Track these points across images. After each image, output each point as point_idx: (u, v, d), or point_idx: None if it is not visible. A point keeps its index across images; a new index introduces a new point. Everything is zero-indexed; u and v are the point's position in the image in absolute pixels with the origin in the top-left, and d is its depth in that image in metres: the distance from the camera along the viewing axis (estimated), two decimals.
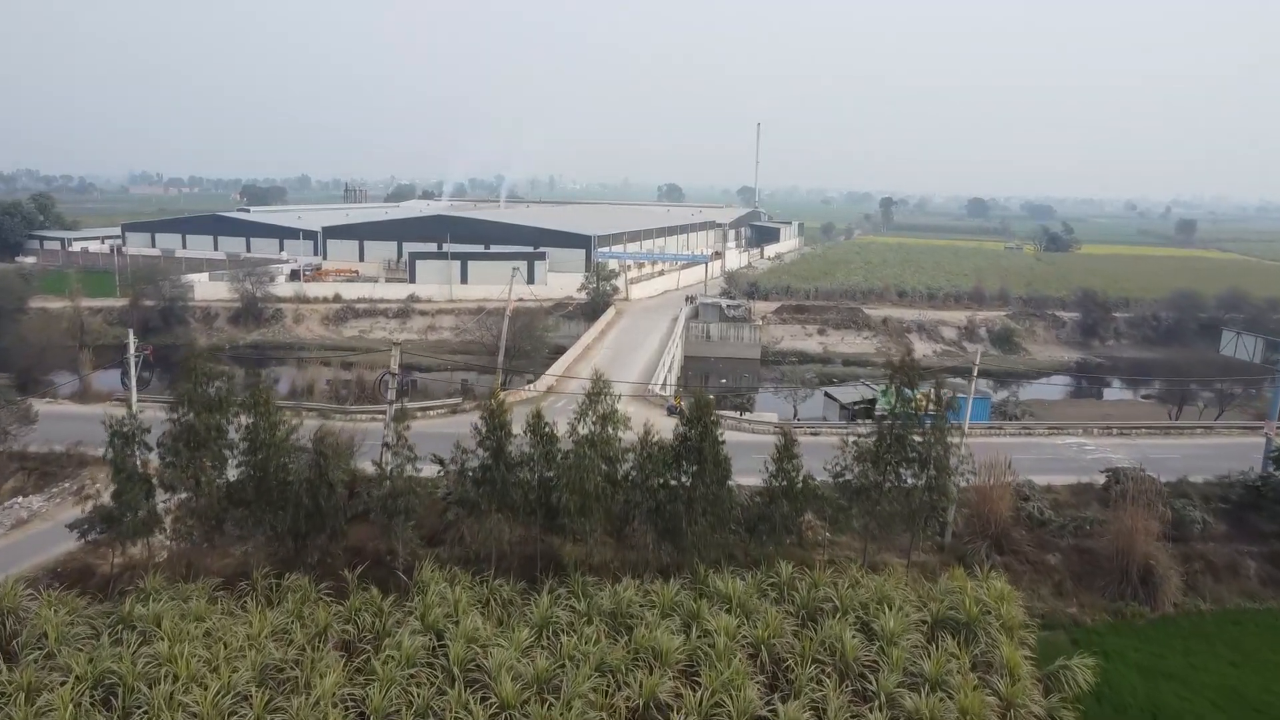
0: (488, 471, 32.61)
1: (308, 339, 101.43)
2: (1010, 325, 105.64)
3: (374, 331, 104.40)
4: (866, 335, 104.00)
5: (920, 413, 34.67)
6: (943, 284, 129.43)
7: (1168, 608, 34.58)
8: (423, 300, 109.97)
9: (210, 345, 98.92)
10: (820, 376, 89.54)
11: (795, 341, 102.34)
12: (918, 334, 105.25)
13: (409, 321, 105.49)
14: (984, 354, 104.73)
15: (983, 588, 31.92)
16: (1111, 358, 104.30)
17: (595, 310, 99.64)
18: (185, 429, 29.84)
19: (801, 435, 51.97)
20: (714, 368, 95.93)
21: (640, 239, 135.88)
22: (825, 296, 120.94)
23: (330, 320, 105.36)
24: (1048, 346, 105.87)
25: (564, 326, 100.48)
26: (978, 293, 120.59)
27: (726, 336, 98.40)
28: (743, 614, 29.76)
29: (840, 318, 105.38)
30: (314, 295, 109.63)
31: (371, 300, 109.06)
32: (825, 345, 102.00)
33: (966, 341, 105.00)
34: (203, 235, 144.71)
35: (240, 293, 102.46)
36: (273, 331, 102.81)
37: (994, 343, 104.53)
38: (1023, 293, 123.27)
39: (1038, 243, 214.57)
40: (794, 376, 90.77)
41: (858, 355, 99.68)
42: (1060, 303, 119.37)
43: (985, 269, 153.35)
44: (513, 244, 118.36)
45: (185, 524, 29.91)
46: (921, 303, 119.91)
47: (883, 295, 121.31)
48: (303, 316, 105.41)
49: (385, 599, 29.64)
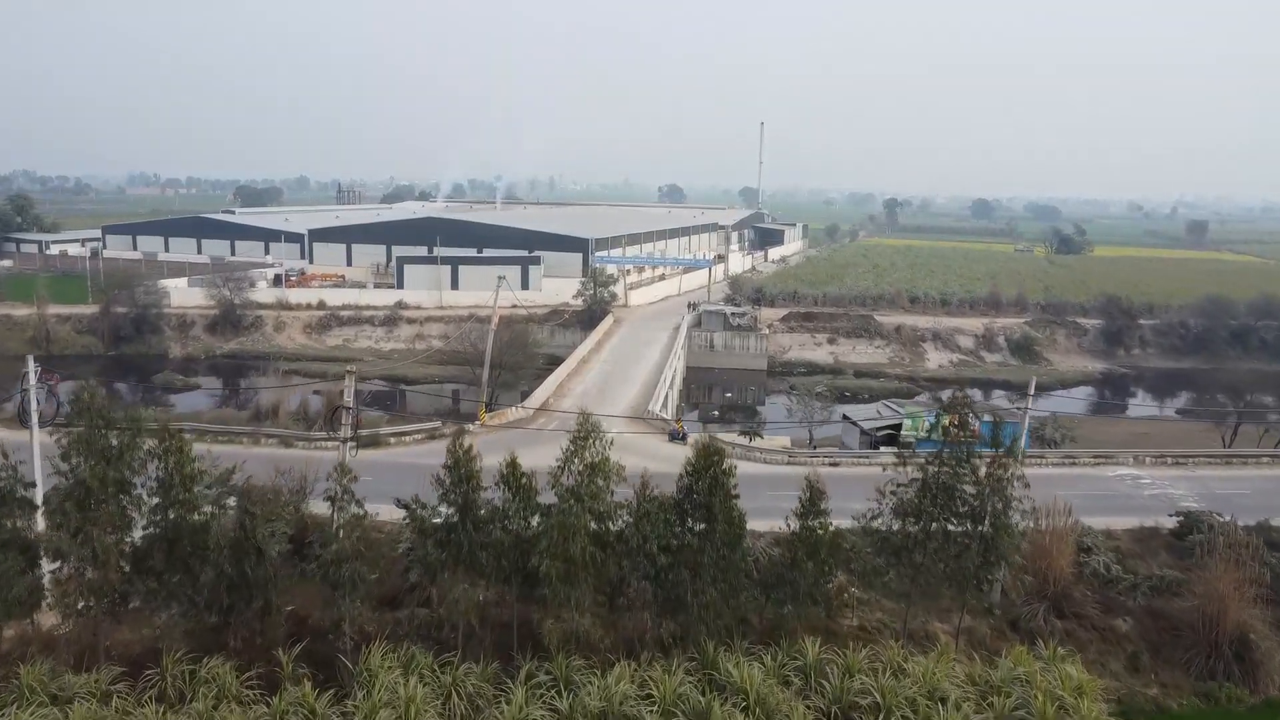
0: (452, 532, 27.01)
1: (288, 348, 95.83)
2: (1030, 334, 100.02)
3: (358, 340, 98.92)
4: (879, 344, 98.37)
5: (954, 443, 28.91)
6: (955, 289, 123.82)
7: (1271, 690, 28.96)
8: (411, 307, 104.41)
9: (185, 354, 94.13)
10: (831, 390, 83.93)
11: (804, 351, 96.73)
12: (932, 343, 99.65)
13: (395, 330, 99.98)
14: (1003, 365, 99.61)
15: (1052, 672, 26.32)
16: (1137, 368, 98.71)
17: (592, 318, 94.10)
18: (76, 485, 24.19)
19: (819, 466, 46.42)
20: (718, 379, 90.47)
21: (640, 242, 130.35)
22: (834, 303, 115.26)
23: (312, 328, 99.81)
24: (1070, 356, 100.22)
25: (559, 335, 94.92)
26: (994, 298, 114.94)
27: (731, 346, 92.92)
28: (762, 713, 24.17)
29: (851, 326, 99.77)
30: (296, 302, 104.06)
31: (357, 307, 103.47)
32: (835, 355, 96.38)
33: (985, 351, 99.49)
34: (186, 238, 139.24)
35: (217, 299, 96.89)
36: (251, 340, 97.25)
37: (1013, 352, 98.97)
38: (1040, 298, 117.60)
39: (1048, 245, 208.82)
40: (804, 389, 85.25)
41: (870, 366, 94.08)
42: (1080, 309, 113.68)
43: (998, 273, 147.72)
44: (506, 247, 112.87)
45: (75, 600, 24.23)
46: (935, 309, 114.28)
47: (894, 301, 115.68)
48: (284, 324, 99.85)
49: (323, 695, 24.03)
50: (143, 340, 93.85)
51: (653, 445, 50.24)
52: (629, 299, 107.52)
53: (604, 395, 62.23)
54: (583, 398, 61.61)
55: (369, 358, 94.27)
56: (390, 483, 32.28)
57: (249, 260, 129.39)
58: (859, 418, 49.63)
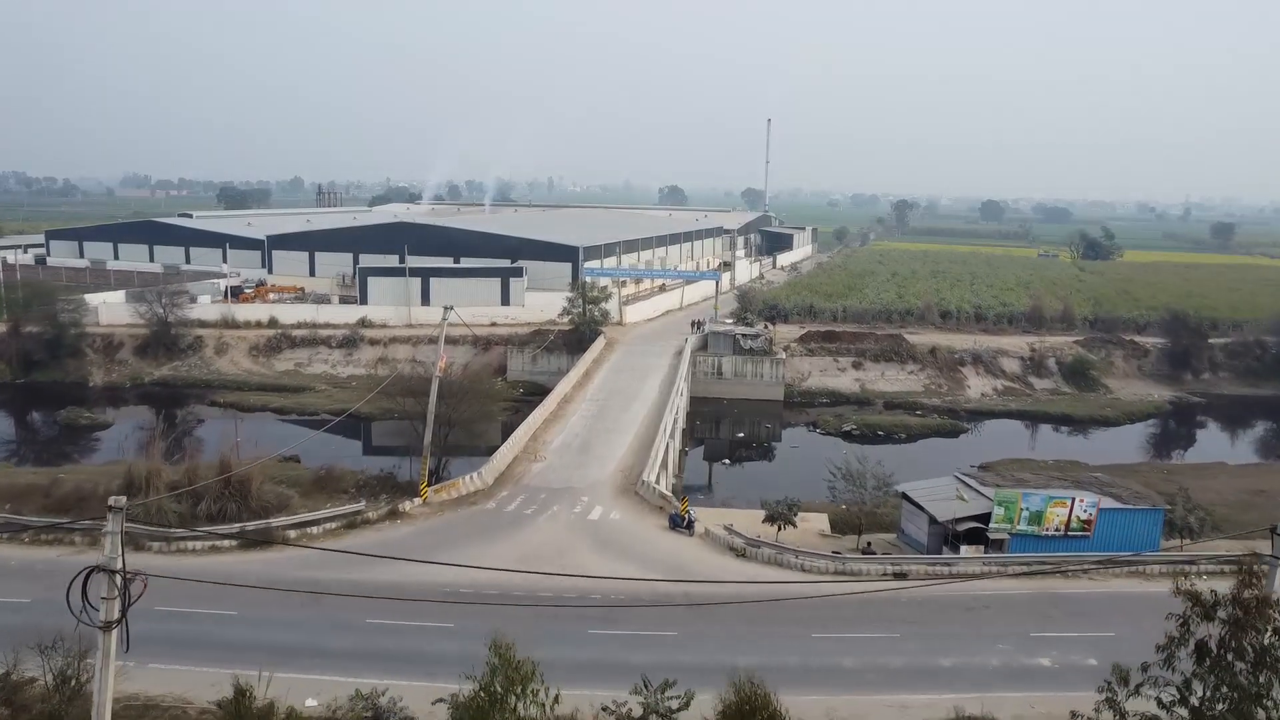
0: None
1: (229, 374, 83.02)
2: (1085, 356, 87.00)
3: (312, 365, 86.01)
4: (911, 369, 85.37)
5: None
6: (989, 301, 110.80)
7: None
8: (375, 325, 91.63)
9: (108, 382, 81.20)
10: (861, 426, 71.12)
11: (825, 378, 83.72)
12: (973, 366, 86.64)
13: (355, 352, 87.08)
14: (1056, 392, 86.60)
15: None
16: (1209, 394, 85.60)
17: (580, 340, 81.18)
18: None
19: (883, 577, 33.40)
20: (726, 412, 77.56)
21: (638, 249, 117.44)
22: (856, 319, 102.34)
23: (260, 351, 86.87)
24: (1130, 381, 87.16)
25: (542, 361, 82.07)
26: (1035, 313, 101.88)
27: (742, 373, 79.99)
28: None
29: (879, 347, 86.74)
30: (244, 319, 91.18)
31: (313, 325, 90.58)
32: (862, 382, 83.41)
33: (1033, 376, 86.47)
34: (137, 244, 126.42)
35: (148, 317, 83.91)
36: (188, 365, 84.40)
37: (1066, 377, 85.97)
38: (1087, 312, 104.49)
39: (1073, 249, 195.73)
40: (827, 425, 72.30)
41: (902, 395, 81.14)
42: (1134, 324, 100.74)
43: (1030, 281, 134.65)
44: (487, 256, 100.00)
45: None
46: (970, 325, 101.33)
47: (924, 317, 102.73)
48: (227, 346, 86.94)
49: None
50: (59, 365, 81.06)
51: (647, 536, 37.38)
52: (624, 315, 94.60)
53: (587, 451, 49.35)
54: (560, 454, 48.73)
55: (323, 385, 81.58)
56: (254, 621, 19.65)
57: (203, 270, 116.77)
58: (925, 497, 36.67)
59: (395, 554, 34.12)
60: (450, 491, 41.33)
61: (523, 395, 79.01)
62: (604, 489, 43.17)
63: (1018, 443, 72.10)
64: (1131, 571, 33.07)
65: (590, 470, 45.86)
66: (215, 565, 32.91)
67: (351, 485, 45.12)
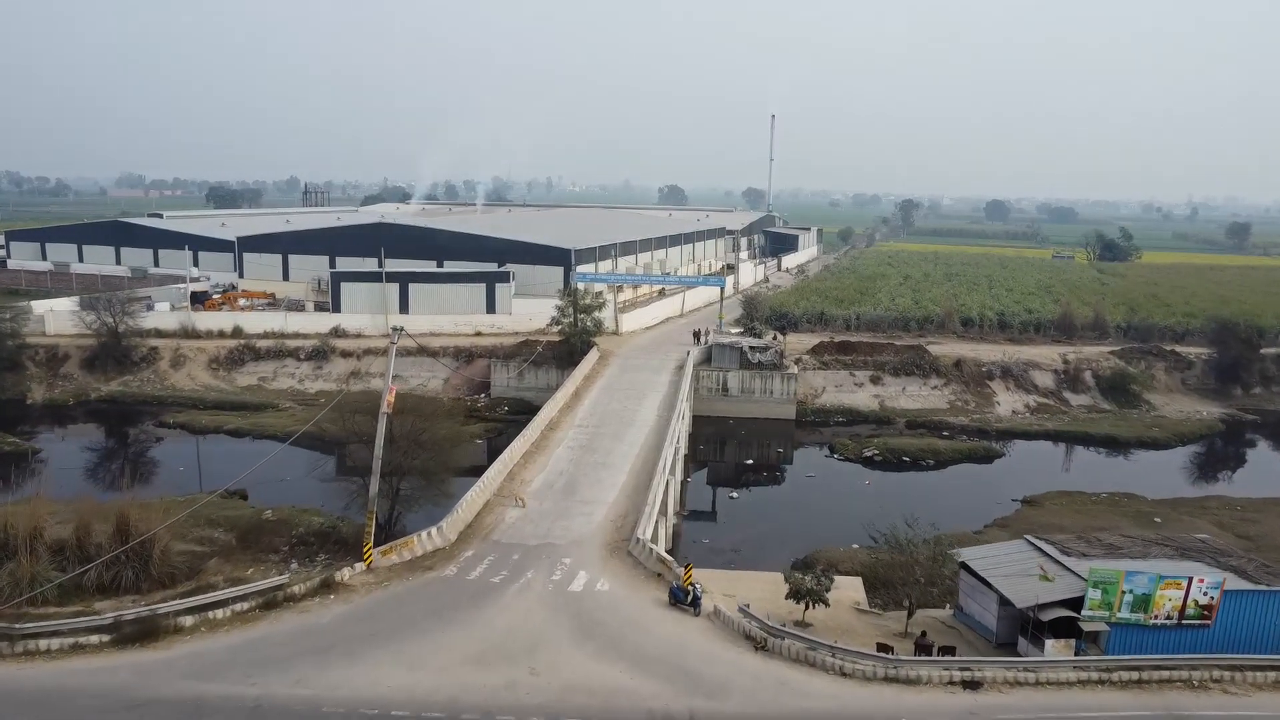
0: None
1: (185, 390, 75.43)
2: (1125, 369, 79.36)
3: (277, 379, 78.41)
4: (935, 384, 77.78)
5: None
6: (1013, 307, 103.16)
7: None
8: (350, 334, 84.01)
9: (50, 399, 73.51)
10: (884, 451, 63.49)
11: (841, 394, 76.10)
12: (1002, 381, 79.02)
13: (326, 365, 79.46)
14: (1094, 409, 78.97)
15: None
16: (1262, 411, 77.90)
17: (571, 352, 73.55)
18: None
19: (949, 684, 25.71)
20: (732, 432, 69.97)
21: (635, 251, 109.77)
22: (871, 327, 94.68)
23: (221, 363, 79.24)
24: (1174, 397, 79.52)
25: (529, 375, 74.50)
26: (1065, 321, 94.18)
27: (750, 389, 72.39)
28: None
29: (899, 359, 79.12)
30: (205, 328, 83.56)
31: (281, 335, 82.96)
32: (881, 399, 75.82)
33: (1068, 391, 78.83)
34: (103, 246, 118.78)
35: (96, 327, 76.32)
36: (140, 379, 76.80)
37: (1104, 393, 78.35)
38: (1120, 319, 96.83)
39: (1089, 250, 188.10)
40: (847, 448, 64.64)
41: (925, 413, 73.65)
42: (1171, 333, 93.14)
43: (1052, 285, 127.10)
44: (474, 259, 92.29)
45: None
46: (993, 334, 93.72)
47: (944, 325, 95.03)
48: (184, 358, 79.31)
49: None
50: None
51: (642, 618, 29.80)
52: (620, 324, 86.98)
53: (572, 493, 41.72)
54: (541, 497, 41.13)
55: (288, 401, 74.02)
56: None
57: (173, 273, 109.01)
58: (994, 570, 28.79)
59: (319, 646, 26.63)
60: (402, 552, 33.70)
61: (507, 415, 71.74)
62: (591, 546, 35.58)
63: (1059, 469, 64.58)
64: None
65: (575, 520, 38.25)
66: (71, 673, 25.15)
67: (287, 540, 37.47)
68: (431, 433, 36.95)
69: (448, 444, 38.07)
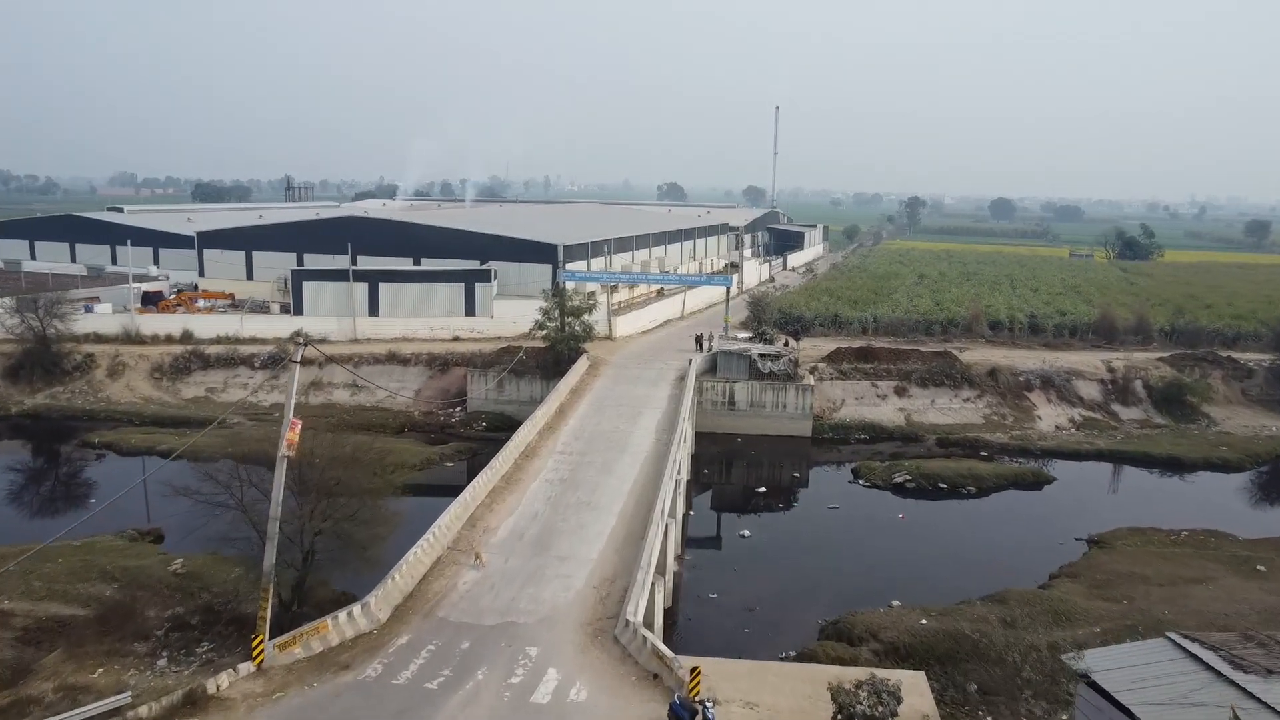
0: None
1: (123, 403, 66.85)
2: (1180, 378, 70.74)
3: (228, 390, 69.81)
4: (967, 396, 69.19)
5: None
6: (1044, 309, 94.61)
7: None
8: (314, 340, 75.12)
9: None
10: (917, 476, 54.83)
11: (863, 407, 67.51)
12: (1042, 392, 70.46)
13: (284, 374, 70.57)
14: (1147, 424, 70.41)
15: None
16: None
17: (557, 361, 64.93)
18: None
19: None
20: (740, 452, 61.43)
21: (632, 248, 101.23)
22: (890, 331, 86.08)
23: (165, 372, 70.66)
24: (1234, 409, 70.92)
25: (510, 387, 65.91)
26: (1105, 324, 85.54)
27: (760, 403, 63.81)
28: None
29: (926, 368, 70.57)
30: (151, 333, 74.97)
31: (235, 340, 74.36)
32: (907, 413, 67.25)
33: (1117, 403, 70.25)
34: (57, 242, 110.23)
35: (20, 332, 67.72)
36: (71, 391, 68.22)
37: (1158, 405, 69.79)
38: (1164, 322, 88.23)
39: (1109, 249, 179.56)
40: (874, 475, 55.93)
41: (959, 429, 65.17)
42: (1221, 336, 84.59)
43: (1079, 285, 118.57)
44: (453, 257, 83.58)
45: None
46: (1026, 338, 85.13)
47: (970, 328, 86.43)
48: (124, 366, 70.74)
49: None
50: None
51: None
52: (614, 328, 78.34)
53: (546, 547, 33.11)
54: (507, 552, 32.57)
55: (238, 416, 65.32)
56: None
57: (133, 272, 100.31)
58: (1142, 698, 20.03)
59: None
60: (309, 643, 25.02)
61: (485, 431, 63.21)
62: (565, 627, 27.00)
63: (1120, 497, 56.08)
64: None
65: (548, 586, 29.67)
66: None
67: (163, 621, 28.72)
68: (351, 484, 28.00)
69: (374, 496, 29.12)
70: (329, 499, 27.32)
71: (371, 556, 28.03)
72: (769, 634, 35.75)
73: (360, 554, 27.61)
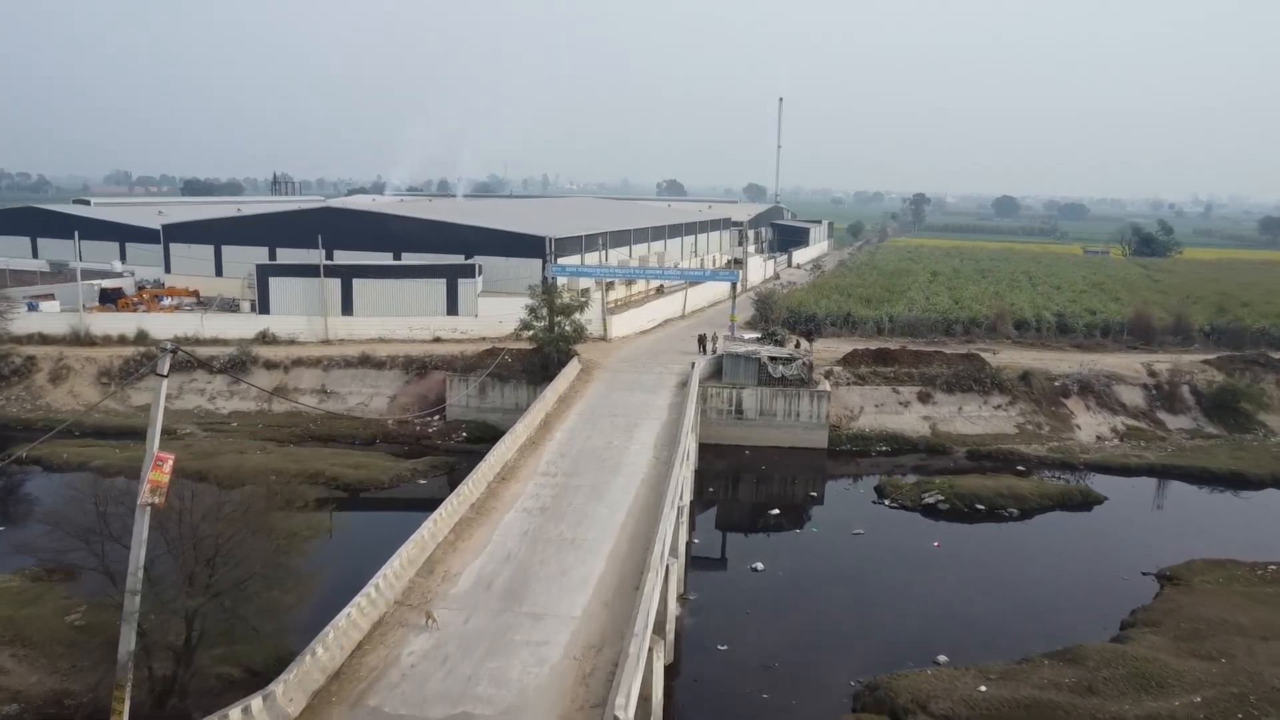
0: None
1: (64, 411, 60.28)
2: (1232, 383, 64.35)
3: (184, 396, 63.37)
4: (998, 403, 62.73)
5: None
6: (1071, 307, 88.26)
7: None
8: (280, 341, 69.20)
9: None
10: (950, 496, 48.37)
11: (883, 415, 61.06)
12: (1080, 398, 64.00)
13: (246, 379, 64.28)
14: (1198, 434, 63.85)
15: None
16: None
17: (545, 364, 58.45)
18: None
19: None
20: (749, 466, 54.95)
21: (629, 242, 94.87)
22: (907, 331, 79.67)
23: (114, 377, 64.17)
24: None
25: (493, 393, 59.46)
26: (1140, 323, 79.13)
27: (770, 411, 57.36)
28: None
29: (951, 372, 64.11)
30: (103, 333, 68.53)
31: (195, 342, 67.83)
32: (933, 422, 60.80)
33: (1163, 411, 63.84)
34: (17, 236, 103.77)
35: None
36: (7, 398, 61.77)
37: (1208, 413, 63.41)
38: (1204, 322, 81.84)
39: (1125, 246, 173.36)
40: (901, 495, 49.50)
41: (990, 440, 58.81)
42: (1267, 337, 78.23)
43: (1103, 282, 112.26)
44: (437, 251, 77.20)
45: None
46: (1055, 339, 78.77)
47: (994, 329, 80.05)
48: (68, 370, 64.27)
49: None
50: None
51: None
52: (609, 327, 71.89)
53: (519, 600, 26.58)
54: (469, 608, 26.12)
55: (191, 426, 59.10)
56: None
57: (98, 268, 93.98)
58: None
59: None
60: None
61: (464, 443, 56.77)
62: None
63: (1183, 520, 49.65)
64: None
65: (516, 658, 23.20)
66: None
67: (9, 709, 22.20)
68: (238, 548, 21.25)
69: (274, 560, 22.47)
70: (208, 566, 20.70)
71: (278, 628, 21.38)
72: (791, 699, 29.45)
73: (254, 634, 20.98)
